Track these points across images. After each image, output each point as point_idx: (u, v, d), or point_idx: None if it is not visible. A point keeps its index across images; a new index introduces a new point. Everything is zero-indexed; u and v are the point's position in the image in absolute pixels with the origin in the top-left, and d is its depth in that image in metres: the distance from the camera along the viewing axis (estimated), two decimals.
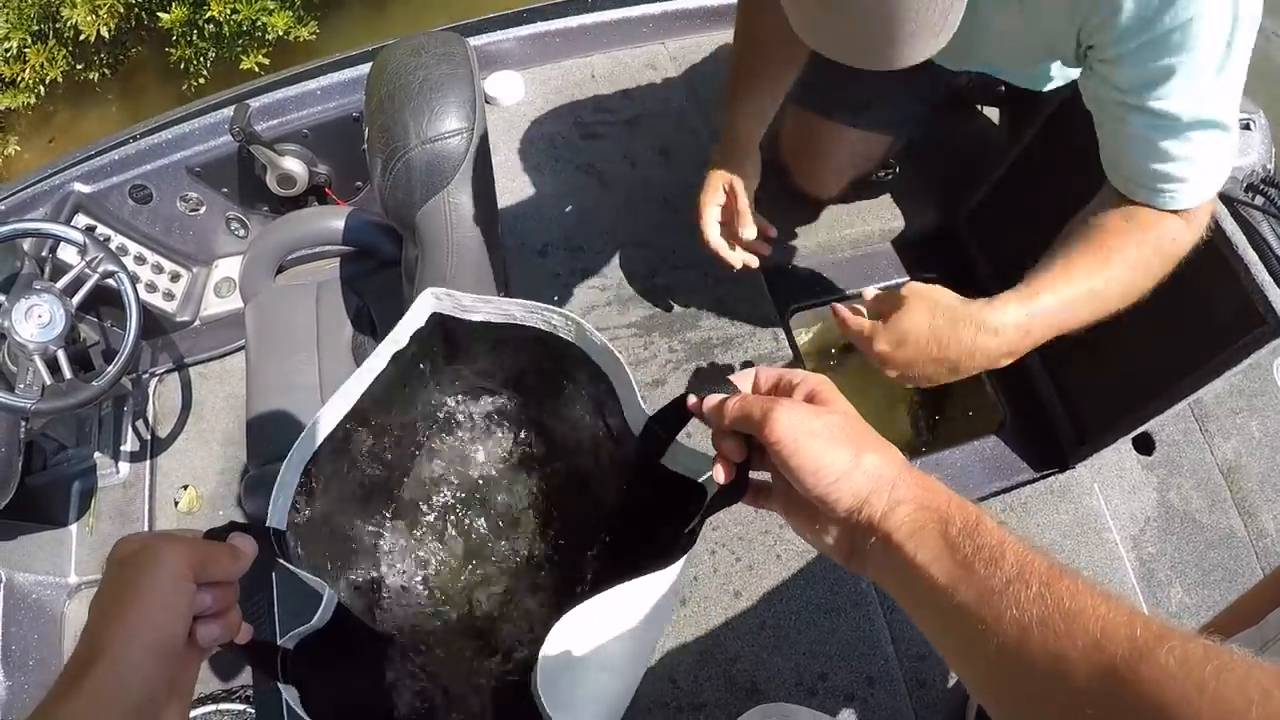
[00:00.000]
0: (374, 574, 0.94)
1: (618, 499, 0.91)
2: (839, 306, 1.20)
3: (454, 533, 0.98)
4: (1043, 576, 0.51)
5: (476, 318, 0.83)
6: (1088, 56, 1.13)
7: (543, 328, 0.82)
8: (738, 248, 1.47)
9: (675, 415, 0.74)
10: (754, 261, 1.48)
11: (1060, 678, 0.48)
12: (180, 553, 0.57)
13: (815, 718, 1.22)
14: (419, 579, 0.96)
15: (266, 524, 0.70)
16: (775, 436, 0.60)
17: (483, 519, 0.99)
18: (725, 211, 1.45)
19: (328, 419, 0.77)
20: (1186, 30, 0.96)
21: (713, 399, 0.68)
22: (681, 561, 0.68)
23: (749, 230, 1.43)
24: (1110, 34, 1.04)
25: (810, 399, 0.65)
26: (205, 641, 0.60)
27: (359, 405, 0.83)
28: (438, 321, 0.85)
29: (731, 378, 0.69)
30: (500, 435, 0.99)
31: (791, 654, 1.45)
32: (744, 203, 1.43)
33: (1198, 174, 1.07)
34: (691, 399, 0.70)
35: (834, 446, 0.60)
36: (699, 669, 1.43)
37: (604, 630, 0.69)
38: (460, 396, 0.95)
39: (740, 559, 1.52)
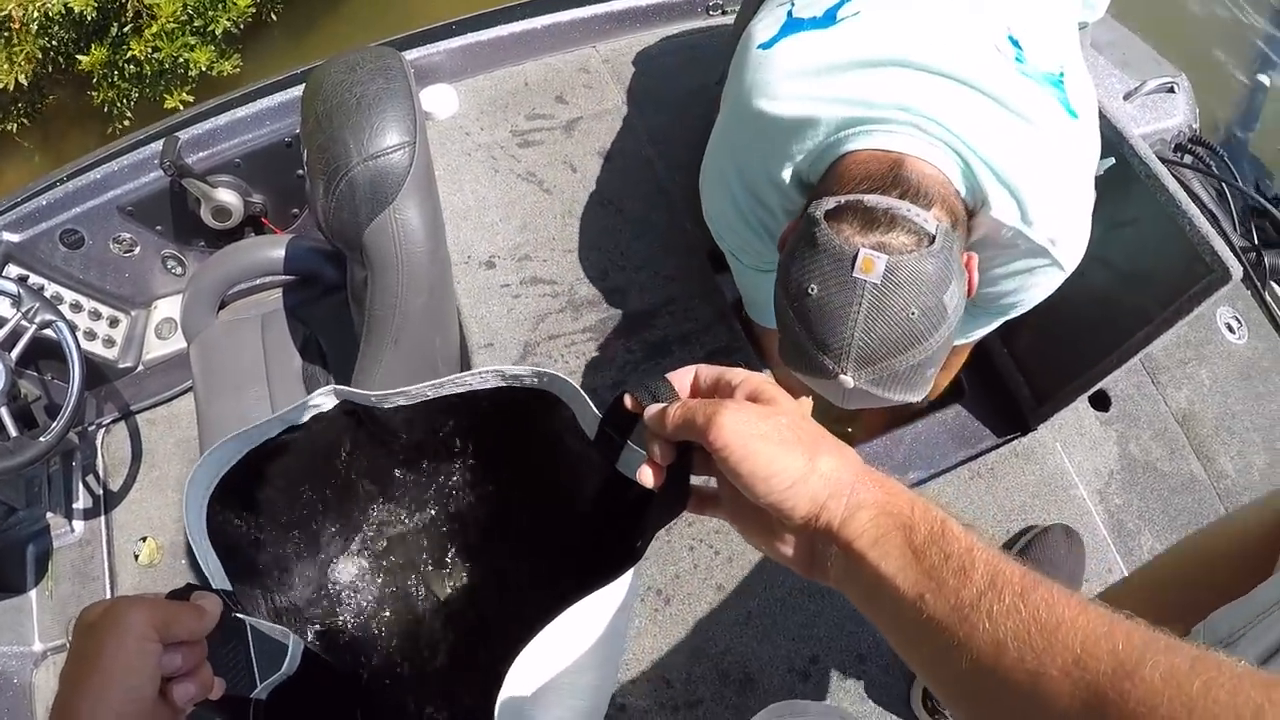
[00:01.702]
0: (332, 620, 0.92)
1: (584, 513, 0.90)
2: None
3: (419, 572, 0.97)
4: (1016, 587, 0.49)
5: (389, 405, 0.80)
6: None
7: (461, 392, 0.79)
8: None
9: (622, 417, 0.70)
10: None
11: (1039, 698, 0.45)
12: (142, 614, 0.57)
13: (825, 711, 1.22)
14: (379, 623, 0.95)
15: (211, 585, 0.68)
16: (721, 442, 0.55)
17: (447, 556, 0.98)
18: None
19: (202, 481, 0.73)
20: (1018, 303, 1.31)
21: (653, 408, 0.63)
22: (629, 575, 0.66)
23: None
24: None
25: (754, 398, 0.60)
26: (182, 701, 0.59)
27: (267, 462, 0.80)
28: (347, 407, 0.82)
29: (670, 376, 0.65)
30: (456, 472, 0.98)
31: (781, 640, 1.45)
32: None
33: (979, 334, 1.47)
34: (629, 400, 0.66)
35: (786, 450, 0.56)
36: (691, 666, 1.42)
37: (562, 656, 0.68)
38: (406, 442, 0.93)
39: (719, 552, 1.51)
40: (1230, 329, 1.86)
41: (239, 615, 0.69)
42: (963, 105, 1.07)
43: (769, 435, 0.56)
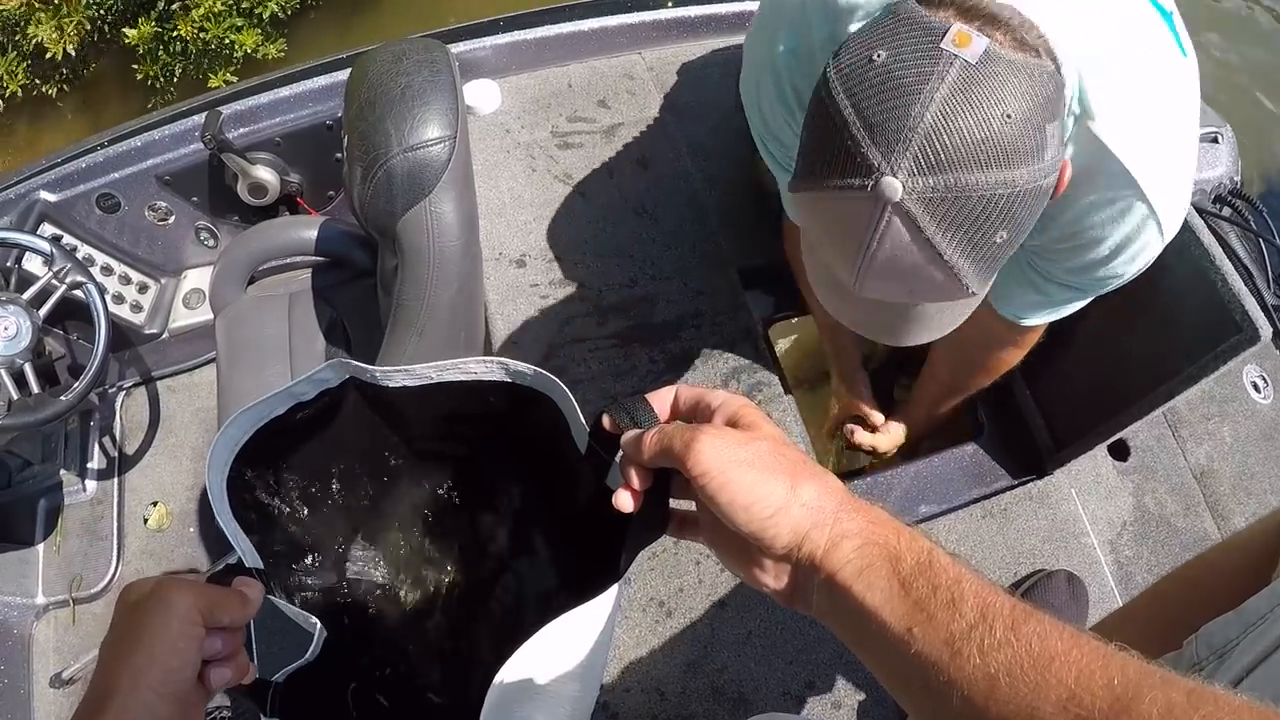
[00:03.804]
0: (335, 605, 0.93)
1: (578, 523, 0.90)
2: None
3: (421, 564, 0.98)
4: (1007, 619, 0.47)
5: (392, 384, 0.80)
6: None
7: (464, 379, 0.79)
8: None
9: (606, 434, 0.68)
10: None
11: None
12: (189, 598, 0.57)
13: None
14: (387, 611, 0.96)
15: (243, 563, 0.69)
16: (700, 469, 0.54)
17: (448, 550, 0.98)
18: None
19: (220, 458, 0.74)
20: (1110, 270, 1.10)
21: (630, 434, 0.61)
22: (613, 592, 0.66)
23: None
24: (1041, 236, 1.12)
25: (733, 423, 0.59)
26: (217, 685, 0.60)
27: (285, 448, 0.81)
28: (353, 383, 0.82)
29: (649, 396, 0.64)
30: (460, 466, 0.98)
31: (779, 663, 1.45)
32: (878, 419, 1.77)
33: (1053, 315, 1.28)
34: (606, 421, 0.65)
35: (767, 477, 0.54)
36: (686, 680, 1.42)
37: (546, 665, 0.68)
38: (413, 432, 0.94)
39: (725, 569, 1.51)
40: (1256, 388, 1.85)
41: (271, 599, 0.69)
42: (1082, 9, 0.94)
43: (749, 462, 0.54)
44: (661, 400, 0.63)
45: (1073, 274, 1.14)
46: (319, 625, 0.72)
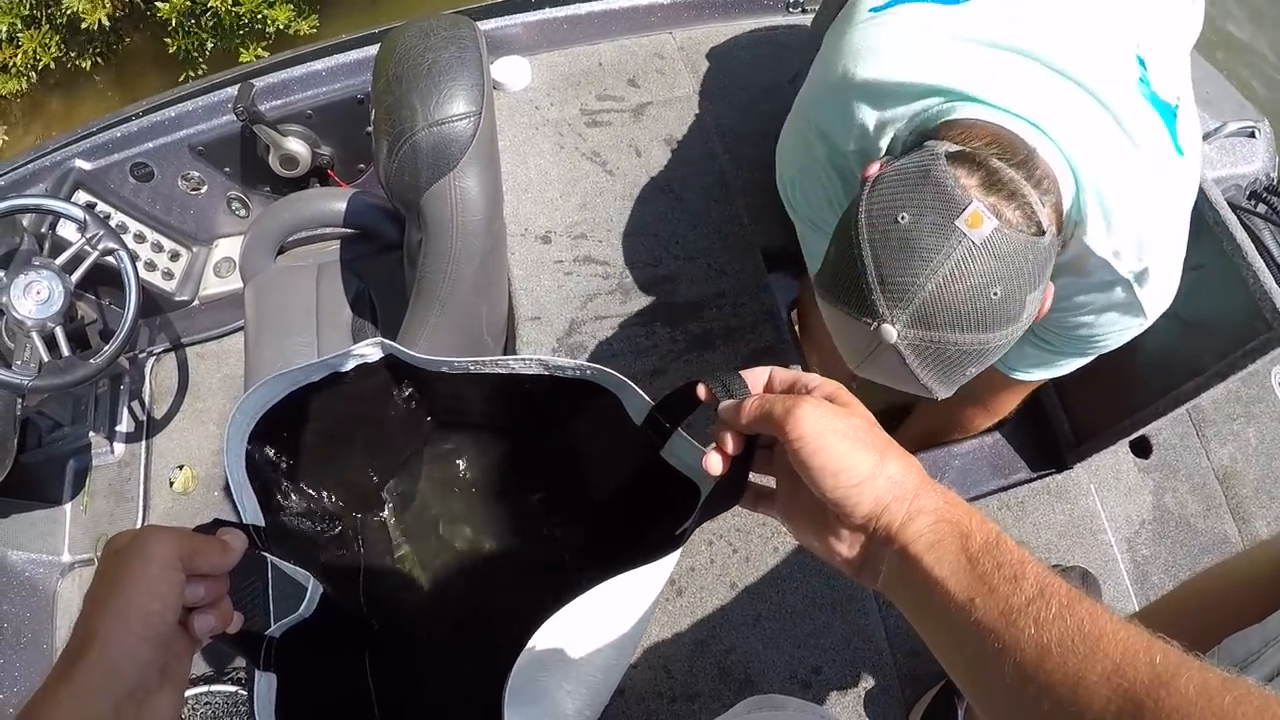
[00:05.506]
0: (352, 567, 0.94)
1: (614, 496, 0.91)
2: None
3: (442, 530, 0.99)
4: (1062, 599, 0.50)
5: (431, 369, 0.82)
6: None
7: (502, 373, 0.81)
8: None
9: (680, 404, 0.73)
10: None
11: (1078, 702, 0.47)
12: (169, 544, 0.58)
13: (804, 708, 1.22)
14: (405, 575, 0.97)
15: (239, 519, 0.70)
16: (798, 433, 0.58)
17: (471, 518, 0.99)
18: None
19: (245, 415, 0.76)
20: (1091, 340, 1.23)
21: (729, 402, 0.65)
22: (668, 561, 0.67)
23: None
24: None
25: (830, 401, 0.63)
26: (201, 632, 0.61)
27: (314, 406, 0.82)
28: (389, 361, 0.84)
29: (744, 373, 0.67)
30: (489, 439, 0.99)
31: (786, 646, 1.45)
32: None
33: (1033, 371, 1.36)
34: (701, 389, 0.68)
35: (858, 449, 0.58)
36: (693, 659, 1.43)
37: (585, 630, 0.69)
38: (443, 405, 0.95)
39: (737, 550, 1.52)
40: None
41: (263, 553, 0.71)
42: (1084, 118, 1.01)
43: (843, 433, 0.58)
44: (755, 378, 0.67)
45: (1060, 331, 1.24)
46: (313, 581, 0.73)
